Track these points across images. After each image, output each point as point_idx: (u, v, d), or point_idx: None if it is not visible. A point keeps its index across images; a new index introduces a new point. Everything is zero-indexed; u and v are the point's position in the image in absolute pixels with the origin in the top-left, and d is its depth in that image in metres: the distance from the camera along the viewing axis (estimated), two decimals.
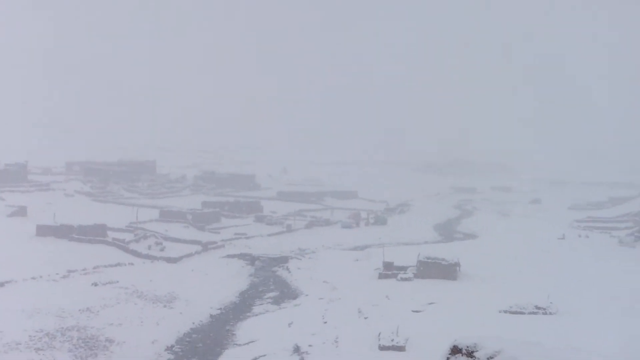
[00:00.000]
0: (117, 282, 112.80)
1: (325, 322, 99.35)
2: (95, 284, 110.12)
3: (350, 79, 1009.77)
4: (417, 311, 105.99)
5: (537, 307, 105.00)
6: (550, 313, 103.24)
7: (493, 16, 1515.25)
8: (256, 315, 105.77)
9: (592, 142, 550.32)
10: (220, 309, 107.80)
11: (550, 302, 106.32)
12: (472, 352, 23.86)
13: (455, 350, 24.46)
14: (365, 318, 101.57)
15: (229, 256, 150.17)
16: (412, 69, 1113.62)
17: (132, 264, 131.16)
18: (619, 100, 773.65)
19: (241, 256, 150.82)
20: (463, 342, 24.54)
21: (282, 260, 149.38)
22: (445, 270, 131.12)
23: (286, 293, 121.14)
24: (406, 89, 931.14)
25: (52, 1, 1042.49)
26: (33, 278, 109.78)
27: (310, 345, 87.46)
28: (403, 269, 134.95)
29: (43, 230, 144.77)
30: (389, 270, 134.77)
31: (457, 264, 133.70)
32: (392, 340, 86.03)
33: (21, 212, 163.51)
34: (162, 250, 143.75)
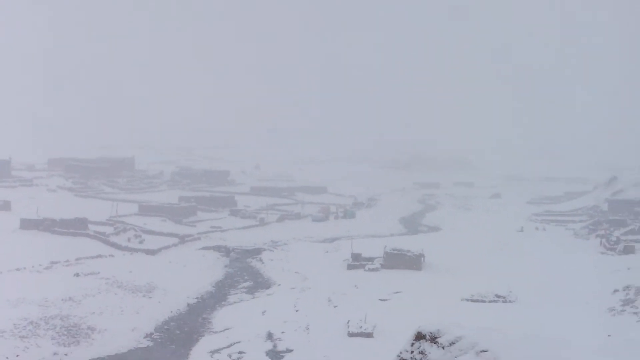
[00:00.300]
0: (98, 273, 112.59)
1: (297, 311, 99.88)
2: (77, 275, 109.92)
3: (326, 78, 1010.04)
4: (383, 300, 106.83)
5: (497, 296, 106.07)
6: (510, 301, 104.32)
7: (474, 22, 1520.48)
8: (231, 304, 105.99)
9: (551, 141, 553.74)
10: (197, 298, 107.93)
11: (510, 291, 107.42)
12: (435, 337, 24.29)
13: (420, 336, 24.87)
14: (335, 306, 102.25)
15: (205, 248, 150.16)
16: (388, 70, 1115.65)
17: (112, 255, 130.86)
18: (577, 103, 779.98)
19: (217, 248, 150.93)
20: (427, 329, 24.97)
21: (256, 252, 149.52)
22: (410, 261, 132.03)
23: (260, 283, 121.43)
24: (381, 90, 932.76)
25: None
26: (17, 269, 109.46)
27: (282, 332, 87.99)
28: (370, 260, 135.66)
29: (26, 224, 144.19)
30: (357, 261, 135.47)
31: (421, 255, 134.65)
32: (361, 327, 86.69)
33: (5, 206, 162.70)
34: (141, 242, 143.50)
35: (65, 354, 75.55)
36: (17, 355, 72.42)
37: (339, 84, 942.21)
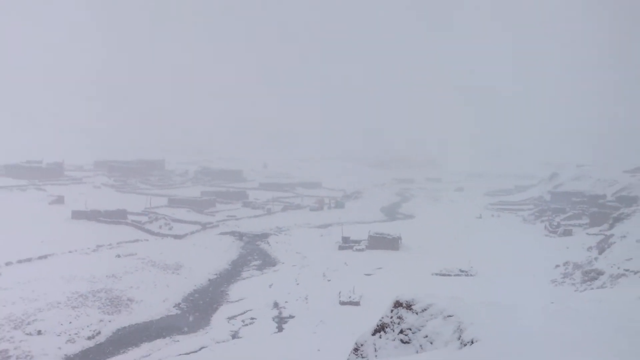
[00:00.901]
0: (136, 254, 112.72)
1: (298, 284, 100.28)
2: (118, 256, 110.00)
3: (321, 85, 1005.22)
4: (368, 274, 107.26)
5: (461, 271, 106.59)
6: (471, 275, 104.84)
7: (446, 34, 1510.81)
8: (244, 279, 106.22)
9: (503, 143, 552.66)
10: (216, 274, 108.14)
11: (471, 267, 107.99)
12: (410, 305, 24.48)
13: (397, 304, 25.06)
14: (329, 280, 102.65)
15: (222, 233, 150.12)
16: (374, 80, 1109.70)
17: (147, 240, 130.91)
18: (524, 110, 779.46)
19: (232, 233, 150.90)
20: (403, 298, 25.17)
21: (264, 236, 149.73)
22: (390, 243, 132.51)
23: (267, 261, 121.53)
24: (368, 97, 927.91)
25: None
26: (69, 252, 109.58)
27: (286, 302, 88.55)
28: (357, 242, 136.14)
29: (77, 215, 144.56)
30: (347, 243, 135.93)
31: (399, 238, 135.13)
32: (350, 297, 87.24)
33: (59, 200, 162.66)
34: (170, 229, 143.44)
35: (109, 321, 75.83)
36: (70, 322, 72.68)
37: (332, 93, 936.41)
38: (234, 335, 73.42)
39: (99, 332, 72.06)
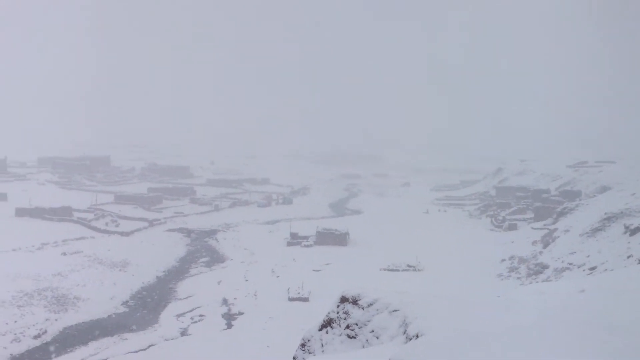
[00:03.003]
0: (82, 251, 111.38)
1: (247, 280, 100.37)
2: (64, 254, 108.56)
3: (266, 83, 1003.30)
4: (317, 270, 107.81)
5: (409, 266, 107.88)
6: (418, 270, 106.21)
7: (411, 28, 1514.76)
8: (192, 275, 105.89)
9: (446, 138, 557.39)
10: (164, 271, 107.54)
11: (418, 262, 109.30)
12: (357, 300, 24.81)
13: (344, 299, 25.36)
14: (277, 276, 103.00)
15: (170, 230, 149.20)
16: (319, 75, 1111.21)
17: (93, 237, 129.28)
18: (470, 105, 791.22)
19: (180, 230, 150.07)
20: (349, 293, 25.47)
21: (212, 232, 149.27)
22: (338, 238, 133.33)
23: (215, 258, 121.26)
24: (312, 93, 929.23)
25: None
26: (13, 250, 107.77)
27: (235, 298, 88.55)
28: (306, 238, 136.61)
29: (21, 212, 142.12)
30: (295, 239, 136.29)
31: (347, 234, 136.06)
32: (299, 293, 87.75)
33: (2, 197, 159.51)
34: (117, 226, 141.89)
35: (56, 320, 74.90)
36: (15, 322, 71.60)
37: (276, 90, 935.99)
38: (183, 333, 73.24)
39: (45, 331, 71.16)
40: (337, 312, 25.36)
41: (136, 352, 66.02)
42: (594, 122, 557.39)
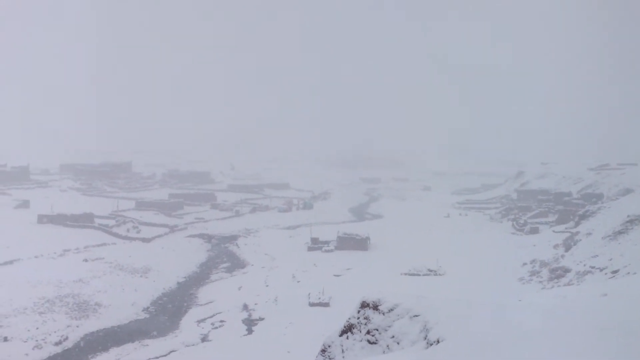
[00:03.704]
0: (103, 258, 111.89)
1: (267, 286, 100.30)
2: (86, 260, 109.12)
3: (284, 87, 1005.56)
4: (337, 275, 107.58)
5: (430, 270, 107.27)
6: (440, 274, 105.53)
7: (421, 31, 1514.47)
8: (213, 281, 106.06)
9: (466, 141, 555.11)
10: (185, 277, 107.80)
11: (439, 266, 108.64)
12: (377, 305, 24.68)
13: (364, 304, 25.25)
14: (298, 282, 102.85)
15: (190, 236, 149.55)
16: (337, 80, 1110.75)
17: (114, 243, 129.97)
18: (488, 110, 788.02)
19: (200, 236, 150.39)
20: (370, 298, 25.36)
21: (233, 238, 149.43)
22: (358, 243, 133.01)
23: (236, 264, 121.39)
24: (331, 97, 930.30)
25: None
26: (36, 256, 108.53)
27: (255, 304, 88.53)
28: (326, 243, 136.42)
29: (43, 219, 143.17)
30: (316, 244, 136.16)
31: (367, 238, 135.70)
32: (319, 298, 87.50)
33: (25, 204, 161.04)
34: (138, 232, 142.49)
35: (77, 326, 75.24)
36: (37, 328, 72.03)
37: (295, 95, 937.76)
38: (204, 339, 73.30)
39: (67, 338, 71.45)
40: (358, 318, 25.24)
41: (157, 358, 66.15)
42: (614, 124, 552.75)
